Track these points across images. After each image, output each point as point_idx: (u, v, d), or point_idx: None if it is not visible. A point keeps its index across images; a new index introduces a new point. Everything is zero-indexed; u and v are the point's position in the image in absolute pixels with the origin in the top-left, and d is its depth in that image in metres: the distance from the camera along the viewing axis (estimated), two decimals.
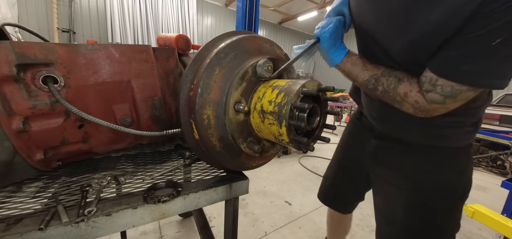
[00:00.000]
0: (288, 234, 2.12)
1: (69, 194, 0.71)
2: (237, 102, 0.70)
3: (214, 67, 0.67)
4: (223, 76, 0.69)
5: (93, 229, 0.60)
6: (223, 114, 0.69)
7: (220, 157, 0.74)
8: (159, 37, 1.18)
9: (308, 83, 0.64)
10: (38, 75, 0.64)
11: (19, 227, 0.56)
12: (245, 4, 3.31)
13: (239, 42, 0.73)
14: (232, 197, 0.84)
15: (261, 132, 0.72)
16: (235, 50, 0.71)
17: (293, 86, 0.63)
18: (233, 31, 0.81)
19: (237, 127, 0.71)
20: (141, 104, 0.84)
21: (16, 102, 0.63)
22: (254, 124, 0.72)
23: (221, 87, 0.69)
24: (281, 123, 0.61)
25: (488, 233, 2.30)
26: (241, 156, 0.78)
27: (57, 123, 0.70)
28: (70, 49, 0.68)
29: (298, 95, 0.61)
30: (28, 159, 0.70)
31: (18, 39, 4.98)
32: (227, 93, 0.69)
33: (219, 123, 0.70)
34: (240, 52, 0.72)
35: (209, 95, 0.67)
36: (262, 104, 0.67)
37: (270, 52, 0.80)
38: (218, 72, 0.68)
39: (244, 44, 0.74)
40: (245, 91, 0.71)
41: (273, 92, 0.66)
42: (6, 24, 0.88)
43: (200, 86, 0.66)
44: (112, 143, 0.89)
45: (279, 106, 0.62)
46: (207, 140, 0.70)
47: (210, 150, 0.72)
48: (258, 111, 0.68)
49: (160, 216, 0.69)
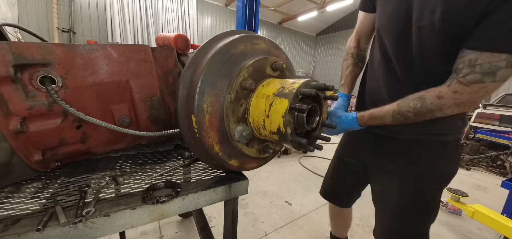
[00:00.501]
0: (288, 234, 2.12)
1: (67, 195, 0.71)
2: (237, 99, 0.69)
3: (217, 62, 0.67)
4: (225, 72, 0.68)
5: (92, 230, 0.60)
6: (224, 114, 0.69)
7: (219, 158, 0.73)
8: (158, 37, 1.18)
9: (308, 82, 0.64)
10: (36, 75, 0.63)
11: (17, 227, 0.56)
12: (245, 4, 3.31)
13: (243, 40, 0.73)
14: (231, 197, 0.84)
15: (261, 132, 0.71)
16: (238, 47, 0.71)
17: (292, 86, 0.62)
18: (237, 30, 0.80)
19: (238, 127, 0.71)
20: (139, 104, 0.84)
21: (14, 103, 0.62)
22: (255, 123, 0.71)
23: (222, 84, 0.68)
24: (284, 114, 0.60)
25: (488, 233, 2.30)
26: (239, 156, 0.77)
27: (55, 123, 0.70)
28: (68, 49, 0.68)
29: (297, 95, 0.61)
30: (26, 160, 0.70)
31: (18, 39, 4.98)
32: (229, 83, 0.68)
33: (219, 123, 0.69)
34: (245, 51, 0.72)
35: (210, 91, 0.66)
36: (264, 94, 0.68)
37: (276, 55, 0.81)
38: (219, 68, 0.67)
39: (248, 42, 0.74)
40: (241, 97, 0.71)
41: (271, 93, 0.66)
42: (4, 24, 0.88)
43: (201, 80, 0.65)
44: (111, 143, 0.89)
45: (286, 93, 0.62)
46: (205, 139, 0.69)
47: (210, 152, 0.71)
48: (261, 98, 0.68)
49: (158, 216, 0.69)
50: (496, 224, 1.77)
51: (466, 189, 2.47)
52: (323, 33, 16.40)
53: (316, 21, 13.61)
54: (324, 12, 11.21)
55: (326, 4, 9.95)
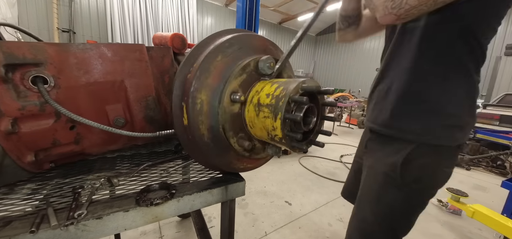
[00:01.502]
0: (288, 234, 2.11)
1: (61, 196, 0.70)
2: (234, 92, 0.68)
3: (217, 53, 0.67)
4: (225, 64, 0.68)
5: (84, 232, 0.59)
6: (218, 102, 0.67)
7: (207, 149, 0.71)
8: (155, 36, 1.17)
9: (308, 81, 0.63)
10: (27, 75, 0.62)
11: (8, 230, 0.55)
12: (245, 4, 3.30)
13: (245, 37, 0.73)
14: (228, 199, 0.83)
15: (254, 128, 0.70)
16: (240, 43, 0.71)
17: (293, 82, 0.62)
18: (238, 28, 0.80)
19: (230, 118, 0.69)
20: (134, 105, 0.83)
21: (5, 103, 0.61)
22: (248, 118, 0.70)
23: (221, 74, 0.67)
24: (276, 116, 0.59)
25: (488, 233, 2.29)
26: (229, 153, 0.75)
27: (47, 124, 0.69)
28: (60, 49, 0.67)
29: (298, 90, 0.60)
30: (18, 161, 0.69)
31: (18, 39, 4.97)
32: (226, 80, 0.67)
33: (211, 110, 0.67)
34: (245, 46, 0.72)
35: (207, 80, 0.65)
36: (259, 97, 0.66)
37: (274, 53, 0.80)
38: (220, 59, 0.67)
39: (250, 40, 0.74)
40: (244, 82, 0.70)
41: (272, 86, 0.65)
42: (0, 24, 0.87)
43: (200, 69, 0.64)
44: (106, 144, 0.88)
45: (276, 99, 0.60)
46: (196, 127, 0.66)
47: (198, 139, 0.68)
48: (254, 104, 0.67)
49: (152, 219, 0.68)
50: (496, 224, 1.76)
51: (466, 189, 2.46)
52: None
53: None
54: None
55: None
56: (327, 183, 3.21)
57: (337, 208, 2.56)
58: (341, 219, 2.37)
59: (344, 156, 4.42)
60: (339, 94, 8.53)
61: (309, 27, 0.83)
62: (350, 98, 8.54)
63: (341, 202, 2.62)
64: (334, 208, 2.56)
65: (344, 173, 3.61)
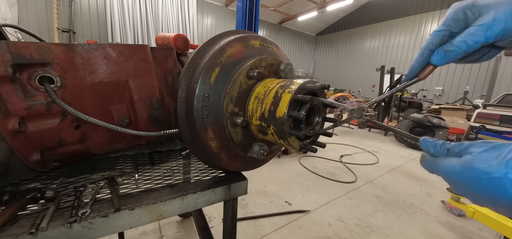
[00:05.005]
0: (288, 234, 2.12)
1: (66, 195, 0.71)
2: (235, 114, 0.69)
3: (215, 62, 0.67)
4: (224, 72, 0.68)
5: (90, 231, 0.60)
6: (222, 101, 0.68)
7: (211, 149, 0.71)
8: (158, 37, 1.18)
9: (310, 81, 0.63)
10: (34, 75, 0.63)
11: (15, 228, 0.56)
12: (245, 4, 3.31)
13: (247, 37, 0.73)
14: (230, 198, 0.84)
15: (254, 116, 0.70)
16: (235, 47, 0.71)
17: (295, 82, 0.62)
18: (240, 30, 0.80)
19: (236, 130, 0.70)
20: (138, 104, 0.83)
21: (12, 103, 0.62)
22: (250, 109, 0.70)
23: (222, 85, 0.67)
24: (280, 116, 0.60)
25: (488, 233, 2.30)
26: (238, 158, 0.77)
27: (53, 123, 0.70)
28: (66, 49, 0.67)
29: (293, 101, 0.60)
30: (25, 160, 0.69)
31: (18, 39, 4.98)
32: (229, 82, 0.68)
33: (216, 110, 0.68)
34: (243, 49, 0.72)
35: (212, 80, 0.66)
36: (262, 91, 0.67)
37: (276, 54, 0.80)
38: (218, 68, 0.67)
39: (252, 40, 0.74)
40: (240, 98, 0.70)
41: (275, 84, 0.66)
42: (3, 25, 0.88)
43: (204, 70, 0.65)
44: (110, 143, 0.88)
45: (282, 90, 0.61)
46: (205, 140, 0.68)
47: (202, 139, 0.69)
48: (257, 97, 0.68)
49: (157, 217, 0.69)
50: (496, 224, 1.76)
51: None
52: (323, 33, 16.40)
53: (316, 21, 13.61)
54: (324, 12, 11.21)
55: (326, 4, 9.95)
56: (327, 183, 3.22)
57: (337, 208, 2.56)
58: (341, 219, 2.38)
59: (344, 156, 4.42)
60: (339, 94, 8.53)
61: None
62: (350, 98, 8.55)
63: (341, 202, 2.63)
64: (334, 208, 2.57)
65: (344, 173, 3.62)
